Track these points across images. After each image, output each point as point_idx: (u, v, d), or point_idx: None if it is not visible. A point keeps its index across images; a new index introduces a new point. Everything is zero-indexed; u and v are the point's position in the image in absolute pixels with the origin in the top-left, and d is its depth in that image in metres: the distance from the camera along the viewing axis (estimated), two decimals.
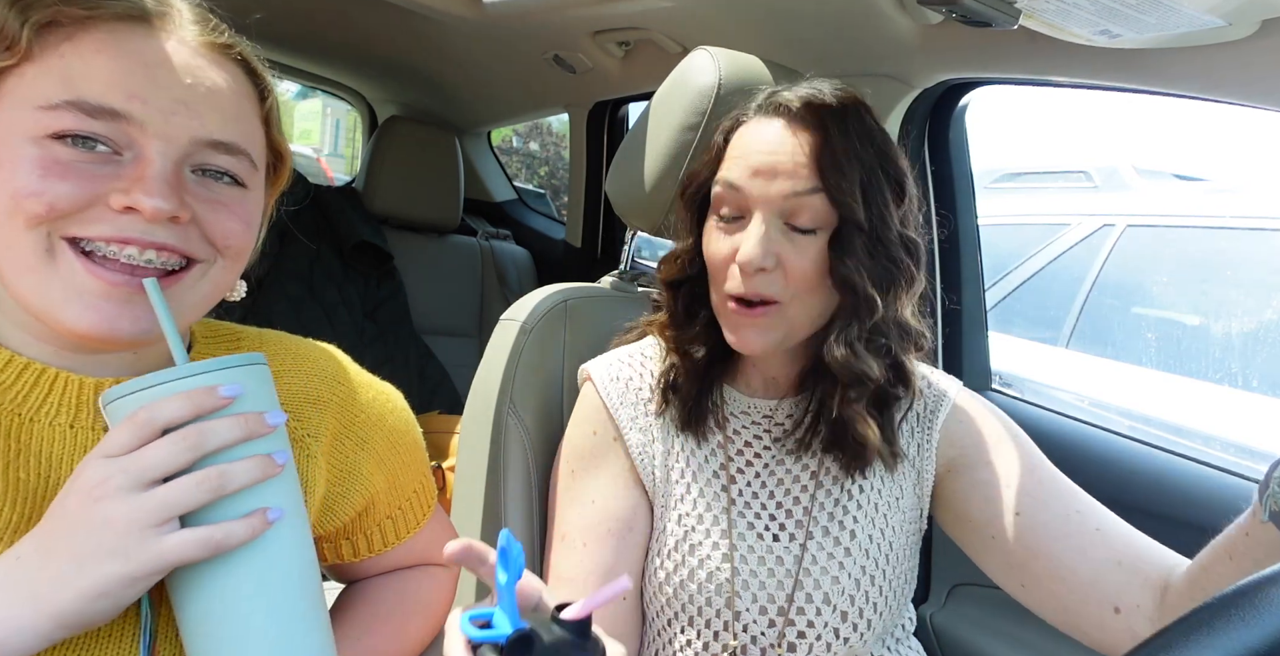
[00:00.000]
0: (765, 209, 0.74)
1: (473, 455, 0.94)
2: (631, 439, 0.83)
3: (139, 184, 0.51)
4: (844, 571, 0.78)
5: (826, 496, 0.82)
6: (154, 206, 0.50)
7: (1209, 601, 0.32)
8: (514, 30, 1.70)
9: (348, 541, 0.74)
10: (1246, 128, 5.01)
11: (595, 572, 0.79)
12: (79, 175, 0.50)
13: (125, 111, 0.51)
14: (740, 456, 0.84)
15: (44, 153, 0.50)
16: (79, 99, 0.50)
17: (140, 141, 0.52)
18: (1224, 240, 2.43)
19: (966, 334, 1.34)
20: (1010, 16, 0.82)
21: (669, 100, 0.96)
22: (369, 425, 0.72)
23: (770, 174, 0.74)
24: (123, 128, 0.52)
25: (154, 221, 0.51)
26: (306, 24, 2.06)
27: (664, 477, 0.83)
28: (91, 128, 0.51)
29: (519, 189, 2.82)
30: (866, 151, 0.75)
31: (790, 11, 1.17)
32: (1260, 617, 0.30)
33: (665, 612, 0.81)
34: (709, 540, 0.79)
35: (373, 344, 2.07)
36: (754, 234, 0.74)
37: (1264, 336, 2.25)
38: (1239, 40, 0.81)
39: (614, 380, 0.86)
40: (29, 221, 0.50)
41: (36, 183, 0.49)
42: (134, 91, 0.51)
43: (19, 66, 0.51)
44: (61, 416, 0.56)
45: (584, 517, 0.82)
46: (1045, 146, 35.56)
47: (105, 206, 0.51)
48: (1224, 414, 2.07)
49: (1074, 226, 2.75)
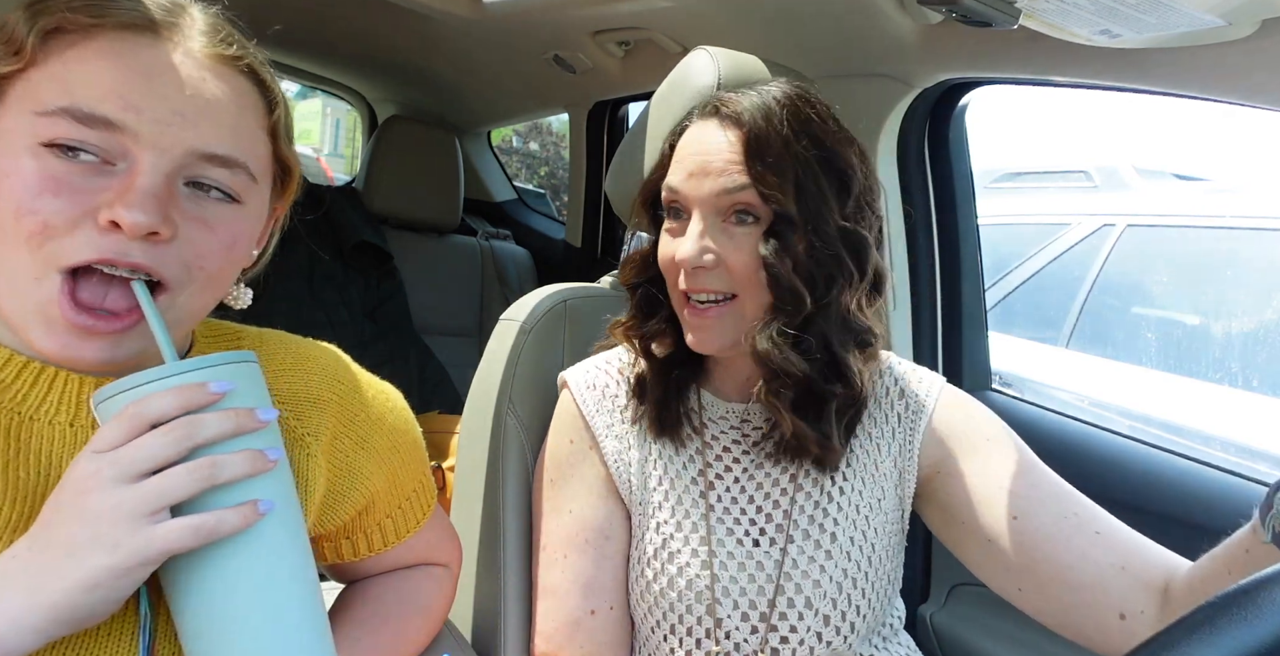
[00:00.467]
0: (702, 208, 0.76)
1: (472, 455, 0.94)
2: (607, 446, 0.83)
3: (123, 196, 0.50)
4: (825, 574, 0.78)
5: (806, 499, 0.81)
6: (133, 221, 0.50)
7: (1210, 601, 0.32)
8: (514, 30, 1.70)
9: (348, 540, 0.74)
10: (1247, 128, 5.01)
11: (577, 583, 0.80)
12: (71, 190, 0.50)
13: (119, 121, 0.51)
14: (719, 462, 0.83)
15: (39, 164, 0.50)
16: (73, 106, 0.50)
17: (134, 152, 0.52)
18: (1224, 240, 2.44)
19: (966, 334, 1.34)
20: (1010, 16, 0.82)
21: (668, 100, 0.96)
22: (369, 424, 0.72)
23: (703, 174, 0.75)
24: (116, 138, 0.51)
25: (133, 237, 0.51)
26: (306, 24, 2.06)
27: (640, 485, 0.82)
28: (84, 136, 0.50)
29: (519, 189, 2.82)
30: (800, 144, 0.74)
31: (790, 11, 1.17)
32: (1260, 617, 0.30)
33: (649, 620, 0.81)
34: (688, 547, 0.79)
35: (373, 344, 2.07)
36: (691, 233, 0.75)
37: (1264, 336, 2.25)
38: (1239, 40, 0.81)
39: (590, 387, 0.86)
40: (28, 240, 0.50)
41: (31, 200, 0.50)
42: (130, 101, 0.51)
43: (25, 72, 0.51)
44: (61, 415, 0.56)
45: (562, 527, 0.82)
46: (1045, 146, 35.55)
47: (93, 223, 0.51)
48: (1224, 414, 2.08)
49: (1074, 226, 2.75)
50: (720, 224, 0.76)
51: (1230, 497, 1.03)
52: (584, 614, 0.80)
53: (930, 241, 1.32)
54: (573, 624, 0.80)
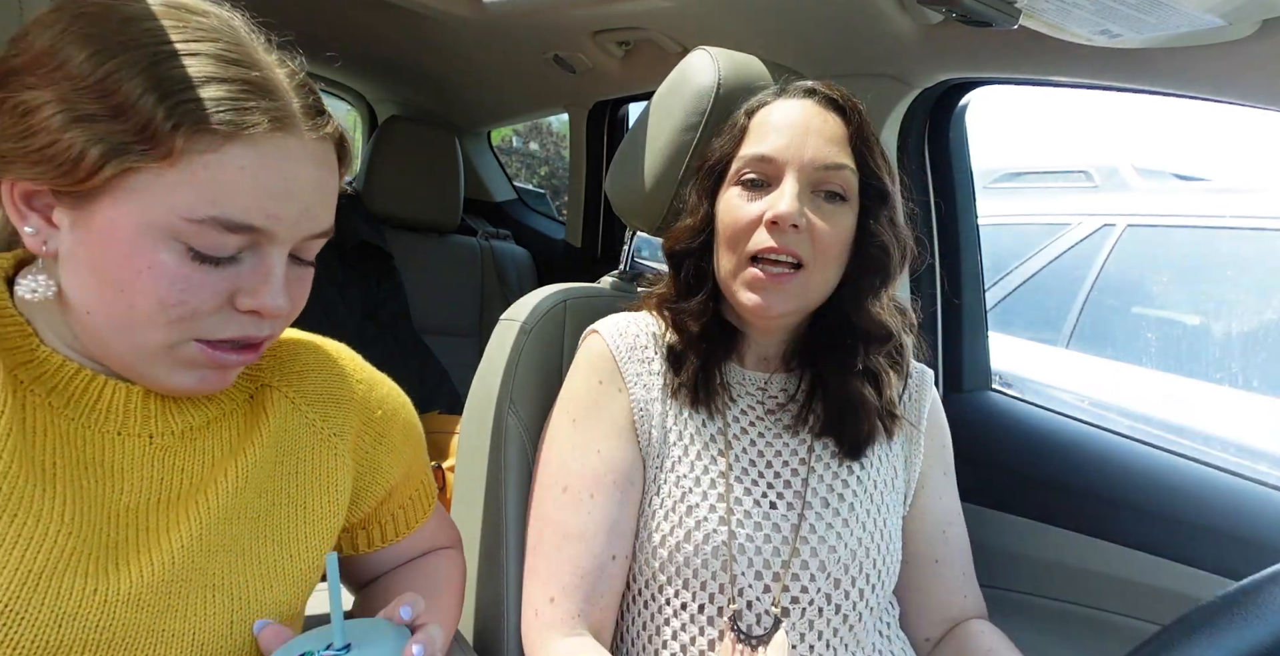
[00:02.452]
0: (799, 173, 0.78)
1: (473, 455, 0.94)
2: (636, 394, 0.83)
3: (264, 289, 0.55)
4: (841, 541, 0.80)
5: (826, 469, 0.83)
6: (276, 307, 0.55)
7: (1210, 601, 0.32)
8: (514, 30, 1.70)
9: (364, 531, 0.75)
10: (1247, 128, 5.01)
11: (604, 526, 0.79)
12: (212, 280, 0.53)
13: (263, 228, 0.53)
14: (736, 423, 0.85)
15: (181, 261, 0.52)
16: (223, 216, 0.52)
17: (265, 247, 0.55)
18: (1224, 240, 2.43)
19: (966, 334, 1.34)
20: (1010, 16, 0.82)
21: (668, 100, 0.96)
22: (385, 420, 0.73)
23: (803, 144, 0.79)
24: (254, 238, 0.54)
25: (275, 318, 0.57)
26: (306, 24, 2.06)
27: (661, 438, 0.83)
28: (229, 242, 0.53)
29: (519, 189, 2.82)
30: (879, 142, 0.83)
31: (790, 11, 1.17)
32: (1261, 617, 0.30)
33: (660, 576, 0.80)
34: (706, 502, 0.79)
35: (373, 344, 2.05)
36: (789, 192, 0.77)
37: (1264, 336, 2.25)
38: (1239, 40, 0.81)
39: (621, 335, 0.86)
40: (169, 324, 0.53)
41: (179, 294, 0.52)
42: (271, 211, 0.53)
43: (158, 165, 0.50)
44: (110, 423, 0.57)
45: (589, 468, 0.80)
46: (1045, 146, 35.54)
47: (231, 309, 0.55)
48: (1224, 414, 2.08)
49: (1074, 226, 2.75)
50: (809, 195, 0.79)
51: (1230, 498, 1.03)
52: (608, 559, 0.79)
53: (930, 241, 1.32)
54: (598, 569, 0.78)
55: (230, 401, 0.64)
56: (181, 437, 0.60)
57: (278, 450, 0.65)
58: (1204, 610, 0.32)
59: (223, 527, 0.59)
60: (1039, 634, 1.11)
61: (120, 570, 0.54)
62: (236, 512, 0.60)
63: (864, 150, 0.80)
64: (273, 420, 0.65)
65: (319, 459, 0.67)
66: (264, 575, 0.61)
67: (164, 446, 0.59)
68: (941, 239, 1.32)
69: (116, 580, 0.53)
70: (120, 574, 0.54)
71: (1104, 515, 1.09)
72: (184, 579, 0.56)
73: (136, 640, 0.54)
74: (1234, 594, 0.32)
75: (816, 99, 0.82)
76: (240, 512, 0.61)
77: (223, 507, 0.59)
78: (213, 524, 0.58)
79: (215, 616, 0.58)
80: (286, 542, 0.63)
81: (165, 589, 0.55)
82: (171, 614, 0.56)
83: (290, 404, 0.67)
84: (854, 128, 0.80)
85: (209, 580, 0.58)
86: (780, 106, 0.83)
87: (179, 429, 0.60)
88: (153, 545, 0.56)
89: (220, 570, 0.58)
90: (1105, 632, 1.09)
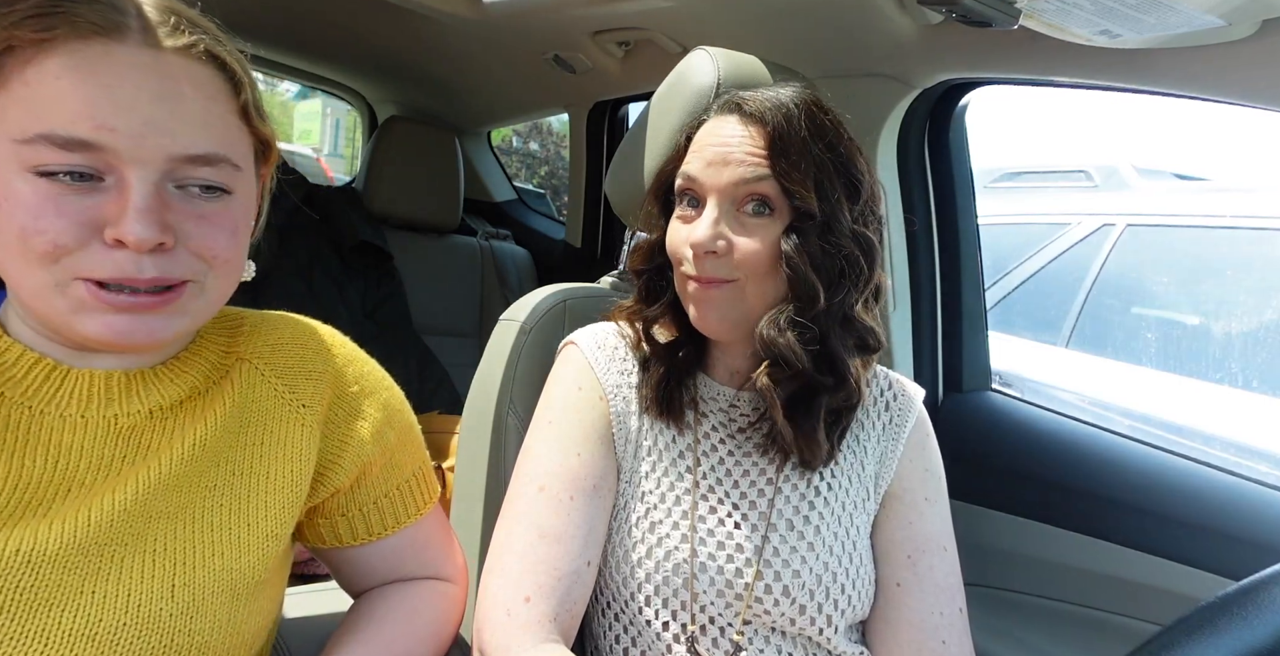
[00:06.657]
0: (718, 196, 0.78)
1: (473, 455, 0.94)
2: (615, 405, 0.83)
3: (123, 216, 0.52)
4: (805, 566, 0.78)
5: (792, 491, 0.82)
6: (137, 238, 0.52)
7: (1210, 601, 0.32)
8: (514, 30, 1.70)
9: (344, 518, 0.74)
10: (1247, 128, 5.02)
11: (582, 530, 0.77)
12: (72, 209, 0.52)
13: (96, 141, 0.51)
14: (706, 440, 0.84)
15: (33, 187, 0.51)
16: (50, 132, 0.50)
17: (118, 167, 0.53)
18: (1224, 240, 2.44)
19: (966, 334, 1.34)
20: (1010, 16, 0.82)
21: (668, 100, 0.96)
22: (362, 395, 0.73)
23: (723, 163, 0.78)
24: (98, 156, 0.52)
25: (141, 251, 0.53)
26: (306, 24, 2.06)
27: (633, 453, 0.83)
28: (67, 159, 0.51)
29: (519, 189, 2.82)
30: (817, 146, 0.77)
31: (790, 11, 1.17)
32: (1260, 617, 0.30)
33: (628, 587, 0.79)
34: (669, 519, 0.79)
35: (373, 344, 2.04)
36: (706, 219, 0.77)
37: (1264, 336, 2.25)
38: (1239, 40, 0.81)
39: (599, 347, 0.86)
40: (40, 259, 0.52)
41: (35, 221, 0.51)
42: (100, 121, 0.51)
43: None
44: (72, 407, 0.58)
45: (568, 469, 0.79)
46: (1045, 146, 35.56)
47: (100, 240, 0.52)
48: (1224, 414, 2.08)
49: (1074, 226, 2.75)
50: (734, 212, 0.78)
51: (1230, 498, 1.03)
52: (583, 564, 0.77)
53: (930, 241, 1.32)
54: (574, 574, 0.76)
55: (205, 380, 0.64)
56: (150, 417, 0.61)
57: (240, 420, 0.65)
58: (1204, 610, 0.32)
59: (169, 495, 0.59)
60: (1039, 634, 1.11)
61: (52, 530, 0.54)
62: (188, 480, 0.60)
63: (781, 160, 0.76)
64: (237, 391, 0.65)
65: (284, 429, 0.67)
66: (214, 542, 0.61)
67: (131, 426, 0.60)
68: (941, 239, 1.32)
69: (46, 540, 0.54)
70: (51, 533, 0.54)
71: (1104, 515, 1.09)
72: (119, 542, 0.57)
73: (65, 600, 0.54)
74: (1234, 594, 0.32)
75: (739, 115, 0.79)
76: (193, 481, 0.61)
77: (173, 475, 0.60)
78: (158, 490, 0.59)
79: (154, 579, 0.57)
80: (244, 511, 0.63)
81: (98, 551, 0.56)
82: (101, 576, 0.56)
83: (259, 375, 0.67)
84: (775, 136, 0.76)
85: (148, 546, 0.58)
86: (708, 127, 0.82)
87: (147, 408, 0.60)
88: (92, 507, 0.56)
89: (163, 535, 0.58)
90: (1105, 632, 1.09)
